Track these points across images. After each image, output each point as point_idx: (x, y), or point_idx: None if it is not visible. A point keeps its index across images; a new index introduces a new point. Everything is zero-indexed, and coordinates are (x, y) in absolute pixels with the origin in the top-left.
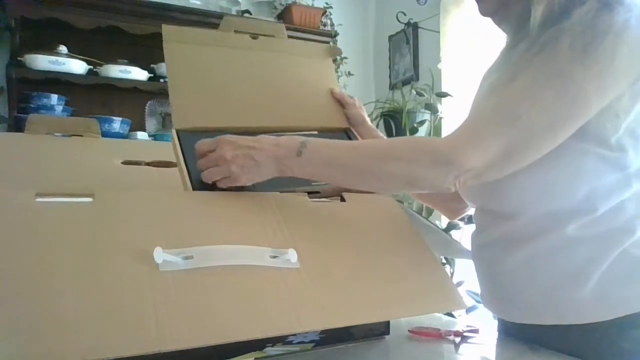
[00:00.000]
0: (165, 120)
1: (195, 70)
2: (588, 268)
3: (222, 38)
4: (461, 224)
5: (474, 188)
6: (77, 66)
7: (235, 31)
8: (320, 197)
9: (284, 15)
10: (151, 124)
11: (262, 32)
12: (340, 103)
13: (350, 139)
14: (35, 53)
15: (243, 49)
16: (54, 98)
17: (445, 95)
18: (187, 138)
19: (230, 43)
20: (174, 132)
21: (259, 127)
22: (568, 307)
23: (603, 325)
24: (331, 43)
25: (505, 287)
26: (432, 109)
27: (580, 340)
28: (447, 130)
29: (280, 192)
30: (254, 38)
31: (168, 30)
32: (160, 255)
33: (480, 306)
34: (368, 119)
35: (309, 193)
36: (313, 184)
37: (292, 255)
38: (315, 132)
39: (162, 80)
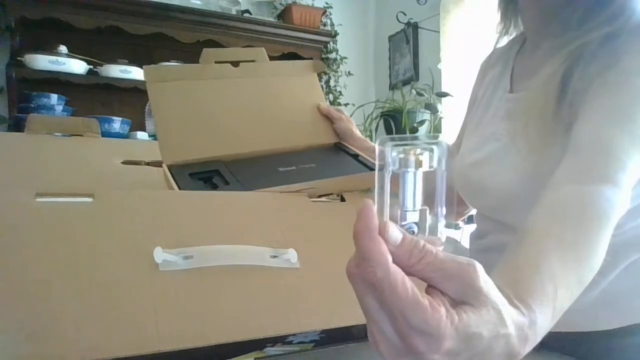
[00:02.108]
0: None
1: (179, 105)
2: (597, 277)
3: (204, 70)
4: (461, 223)
5: (487, 200)
6: (77, 66)
7: (216, 62)
8: (319, 197)
9: (284, 15)
10: (151, 123)
11: (242, 58)
12: (328, 118)
13: (345, 152)
14: (35, 53)
15: (225, 78)
16: (54, 98)
17: (445, 95)
18: (180, 173)
19: (212, 74)
20: (164, 167)
21: (249, 153)
22: (574, 315)
23: (608, 333)
24: (331, 43)
25: None
26: (432, 109)
27: (581, 344)
28: (447, 130)
29: (280, 192)
30: (235, 66)
31: (149, 71)
32: (160, 255)
33: None
34: (357, 131)
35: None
36: (308, 181)
37: (292, 255)
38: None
39: None
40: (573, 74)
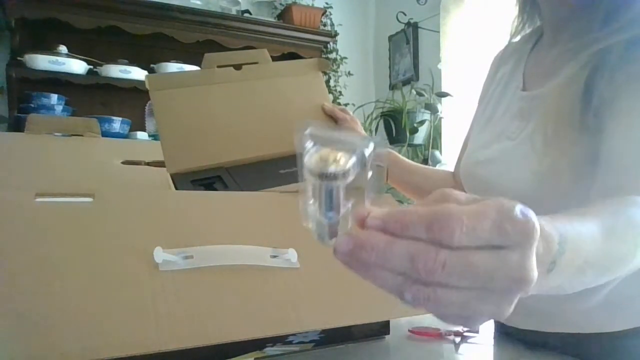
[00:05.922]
0: None
1: (183, 112)
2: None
3: (206, 76)
4: None
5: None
6: (77, 66)
7: (218, 66)
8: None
9: (284, 15)
10: (151, 124)
11: (244, 61)
12: (332, 118)
13: None
14: (35, 53)
15: (228, 82)
16: (54, 98)
17: (445, 95)
18: (182, 180)
19: (214, 79)
20: (168, 175)
21: (254, 157)
22: (578, 317)
23: (612, 335)
24: (331, 43)
25: None
26: (432, 109)
27: (585, 346)
28: (447, 130)
29: (280, 192)
30: (237, 69)
31: (152, 79)
32: (160, 255)
33: None
34: (362, 131)
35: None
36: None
37: (292, 255)
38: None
39: None
40: (598, 79)
